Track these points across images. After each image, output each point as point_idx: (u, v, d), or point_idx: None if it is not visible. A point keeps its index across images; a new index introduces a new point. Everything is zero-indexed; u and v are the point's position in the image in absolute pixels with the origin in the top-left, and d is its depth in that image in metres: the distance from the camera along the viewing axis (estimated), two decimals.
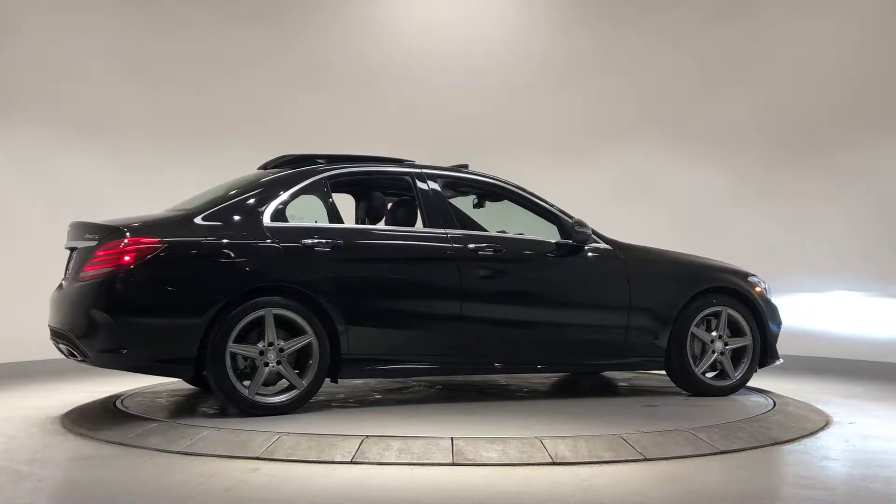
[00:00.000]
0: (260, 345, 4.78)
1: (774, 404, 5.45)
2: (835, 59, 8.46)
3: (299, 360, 4.95)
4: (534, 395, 5.86)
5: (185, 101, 8.88)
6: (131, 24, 8.73)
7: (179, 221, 4.92)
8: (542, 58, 9.36)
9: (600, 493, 3.54)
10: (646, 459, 4.07)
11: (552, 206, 5.67)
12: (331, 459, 4.02)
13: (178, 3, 8.96)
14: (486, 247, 5.32)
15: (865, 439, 4.72)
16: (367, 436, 4.23)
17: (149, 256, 4.70)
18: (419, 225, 5.50)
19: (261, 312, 4.77)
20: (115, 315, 4.67)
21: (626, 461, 4.04)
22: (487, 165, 8.29)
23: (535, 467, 3.93)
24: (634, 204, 8.98)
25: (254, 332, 4.80)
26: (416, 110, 9.21)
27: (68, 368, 7.55)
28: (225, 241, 4.85)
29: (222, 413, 4.98)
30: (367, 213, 5.89)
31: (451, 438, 4.18)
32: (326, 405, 5.40)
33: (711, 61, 8.97)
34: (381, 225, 5.84)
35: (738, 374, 5.71)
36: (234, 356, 4.76)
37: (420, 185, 5.42)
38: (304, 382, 4.87)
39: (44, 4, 8.26)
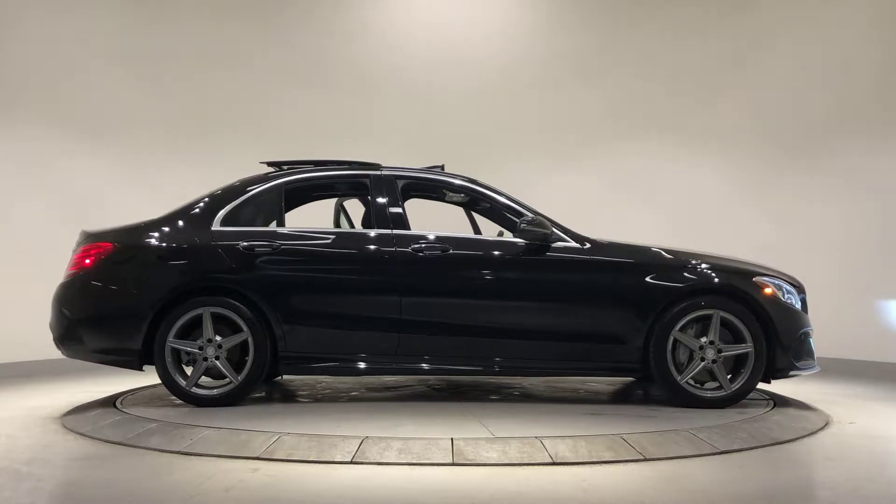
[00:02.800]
0: (199, 341, 5.18)
1: (774, 404, 5.45)
2: (835, 59, 8.46)
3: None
4: (533, 395, 5.86)
5: (185, 100, 8.88)
6: (131, 24, 8.73)
7: (144, 226, 5.47)
8: (542, 59, 9.36)
9: (600, 493, 3.54)
10: (646, 459, 4.07)
11: (518, 204, 5.46)
12: (331, 459, 4.02)
13: (178, 4, 8.96)
14: (430, 247, 5.25)
15: (865, 439, 4.71)
16: (367, 436, 4.23)
17: (103, 259, 5.35)
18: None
19: (200, 311, 5.19)
20: (73, 310, 5.35)
21: (626, 461, 4.04)
22: (487, 166, 8.33)
23: (535, 467, 3.93)
24: (634, 204, 8.98)
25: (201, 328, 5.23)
26: (415, 111, 9.22)
27: (68, 368, 7.57)
28: (171, 244, 5.35)
29: (221, 410, 4.98)
30: None
31: (451, 438, 4.18)
32: (326, 405, 5.41)
33: (711, 61, 8.97)
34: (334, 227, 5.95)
35: (736, 385, 5.17)
36: (177, 351, 5.21)
37: (375, 187, 5.49)
38: (239, 378, 5.19)
39: (43, 4, 8.26)
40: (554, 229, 5.30)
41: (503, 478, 3.77)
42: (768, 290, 5.26)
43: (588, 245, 5.31)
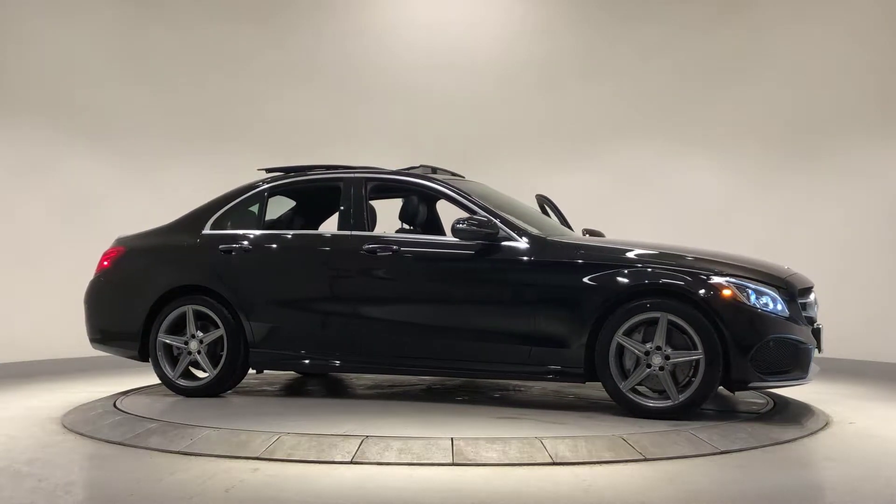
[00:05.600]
0: (185, 336, 5.64)
1: (774, 404, 5.45)
2: (835, 59, 8.45)
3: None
4: (534, 395, 5.86)
5: (185, 101, 8.88)
6: (131, 24, 8.73)
7: (152, 231, 6.05)
8: (542, 58, 9.35)
9: (600, 493, 3.54)
10: (646, 459, 4.07)
11: (475, 204, 5.30)
12: (331, 459, 4.02)
13: (178, 4, 8.96)
14: (382, 248, 5.29)
15: (865, 439, 4.71)
16: (367, 436, 4.23)
17: (116, 261, 6.01)
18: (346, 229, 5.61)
19: (184, 308, 5.64)
20: (93, 307, 6.04)
21: (626, 461, 4.04)
22: (487, 166, 8.33)
23: (535, 467, 3.93)
24: (634, 203, 8.97)
25: (198, 323, 5.68)
26: (415, 112, 9.21)
27: (68, 368, 7.58)
28: (166, 247, 5.88)
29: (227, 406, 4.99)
30: (403, 216, 5.88)
31: (451, 438, 4.18)
32: (326, 405, 5.42)
33: (712, 61, 8.96)
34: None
35: (684, 396, 4.69)
36: (169, 345, 5.69)
37: (345, 190, 5.62)
38: (215, 371, 5.59)
39: (44, 5, 8.25)
40: (504, 228, 5.12)
41: (503, 478, 3.77)
42: (726, 292, 4.73)
43: (534, 244, 5.10)
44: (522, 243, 5.10)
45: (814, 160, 8.55)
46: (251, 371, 5.97)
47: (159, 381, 6.29)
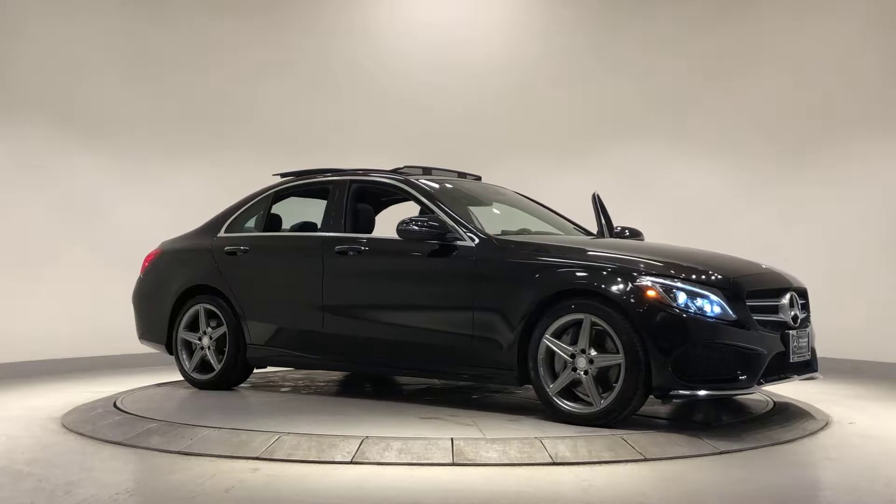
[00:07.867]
0: (199, 332, 6.00)
1: (774, 404, 5.44)
2: (834, 59, 8.45)
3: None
4: (533, 396, 5.85)
5: (185, 101, 8.88)
6: (133, 24, 8.73)
7: (184, 235, 6.38)
8: (543, 58, 9.35)
9: (600, 493, 3.54)
10: (646, 459, 4.07)
11: (437, 207, 5.23)
12: (331, 459, 4.02)
13: (180, 4, 8.96)
14: (350, 248, 5.41)
15: (865, 439, 4.71)
16: (367, 436, 4.23)
17: (152, 263, 6.44)
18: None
19: (197, 307, 6.00)
20: (135, 305, 6.49)
21: (626, 461, 4.04)
22: (488, 166, 8.33)
23: (535, 467, 3.93)
24: (634, 203, 8.96)
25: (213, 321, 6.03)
26: (417, 112, 9.21)
27: (68, 368, 7.58)
28: (187, 250, 6.24)
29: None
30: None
31: (452, 439, 4.18)
32: (326, 405, 5.42)
33: (711, 61, 8.96)
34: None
35: (605, 402, 4.44)
36: (187, 341, 6.05)
37: (332, 192, 5.75)
38: (218, 366, 5.89)
39: (45, 5, 8.25)
40: (455, 227, 5.04)
41: (503, 478, 3.77)
42: (650, 293, 4.43)
43: (483, 245, 4.97)
44: (470, 243, 4.99)
45: (814, 160, 8.55)
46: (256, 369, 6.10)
47: (158, 382, 6.36)
